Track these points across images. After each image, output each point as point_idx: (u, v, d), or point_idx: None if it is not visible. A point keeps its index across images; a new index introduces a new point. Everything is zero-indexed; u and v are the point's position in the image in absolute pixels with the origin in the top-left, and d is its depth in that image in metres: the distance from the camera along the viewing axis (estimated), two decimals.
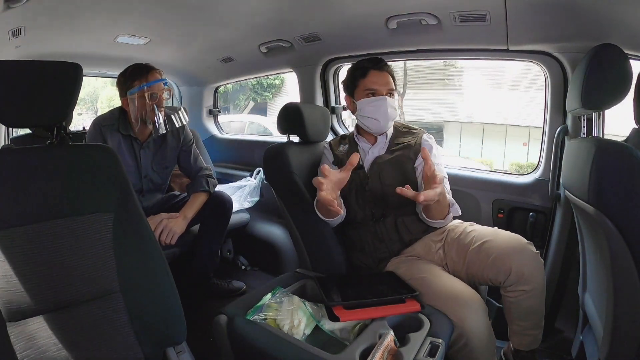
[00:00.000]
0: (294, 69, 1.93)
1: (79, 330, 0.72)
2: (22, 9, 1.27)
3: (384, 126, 1.19)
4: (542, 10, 1.09)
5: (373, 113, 1.18)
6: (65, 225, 0.72)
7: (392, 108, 1.18)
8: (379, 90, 1.17)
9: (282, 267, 1.82)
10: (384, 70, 1.19)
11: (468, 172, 1.53)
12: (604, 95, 0.89)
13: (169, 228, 1.34)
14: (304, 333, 0.84)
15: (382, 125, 1.19)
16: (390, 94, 1.18)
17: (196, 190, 1.49)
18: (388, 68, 1.21)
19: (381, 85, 1.18)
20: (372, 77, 1.18)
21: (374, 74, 1.19)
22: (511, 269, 0.92)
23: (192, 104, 2.53)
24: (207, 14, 1.47)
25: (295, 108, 1.31)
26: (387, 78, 1.19)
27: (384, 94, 1.17)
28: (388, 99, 1.17)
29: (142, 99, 1.34)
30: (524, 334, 1.00)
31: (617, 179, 0.75)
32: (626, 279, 0.74)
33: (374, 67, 1.19)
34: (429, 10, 1.22)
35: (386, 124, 1.19)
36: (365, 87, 1.19)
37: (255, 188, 2.00)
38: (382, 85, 1.18)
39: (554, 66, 1.27)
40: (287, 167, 1.22)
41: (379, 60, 1.21)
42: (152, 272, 0.77)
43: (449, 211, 1.09)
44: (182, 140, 1.53)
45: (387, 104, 1.16)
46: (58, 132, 0.82)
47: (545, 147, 1.36)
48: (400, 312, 0.88)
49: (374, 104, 1.17)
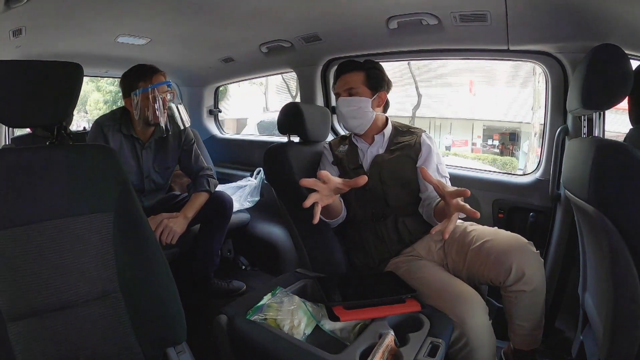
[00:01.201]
0: (294, 69, 1.93)
1: (79, 330, 0.72)
2: (22, 9, 1.27)
3: (349, 125, 1.21)
4: (542, 10, 1.09)
5: (338, 116, 1.23)
6: (65, 225, 0.72)
7: (348, 106, 1.18)
8: (339, 92, 1.22)
9: (282, 267, 1.82)
10: (348, 72, 1.21)
11: (468, 172, 1.53)
12: (604, 95, 0.89)
13: (170, 228, 1.35)
14: (304, 333, 0.84)
15: (346, 125, 1.21)
16: (349, 93, 1.19)
17: (197, 190, 1.49)
18: (352, 68, 1.21)
19: (340, 87, 1.21)
20: (338, 82, 1.23)
21: (340, 79, 1.22)
22: (512, 268, 0.92)
23: (192, 104, 2.53)
24: (208, 14, 1.47)
25: (295, 108, 1.31)
26: (348, 78, 1.20)
27: (342, 96, 1.20)
28: (340, 98, 1.20)
29: (145, 100, 1.34)
30: (524, 333, 1.00)
31: (617, 179, 0.75)
32: (626, 279, 0.74)
33: (340, 73, 1.23)
34: (429, 10, 1.22)
35: (349, 122, 1.20)
36: (335, 92, 1.24)
37: (255, 188, 2.00)
38: (341, 87, 1.21)
39: (554, 66, 1.27)
40: (287, 167, 1.22)
41: (343, 64, 1.24)
42: (152, 272, 0.77)
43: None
44: (184, 140, 1.53)
45: (339, 105, 1.20)
46: (58, 132, 0.82)
47: (546, 147, 1.36)
48: (400, 312, 0.88)
49: (336, 107, 1.22)
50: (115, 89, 9.99)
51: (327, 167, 1.25)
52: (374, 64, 1.23)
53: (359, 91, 1.19)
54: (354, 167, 1.21)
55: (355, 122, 1.20)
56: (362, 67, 1.20)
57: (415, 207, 1.16)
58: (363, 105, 1.18)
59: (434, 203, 1.06)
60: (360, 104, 1.18)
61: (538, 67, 1.35)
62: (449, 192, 0.83)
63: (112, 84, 9.96)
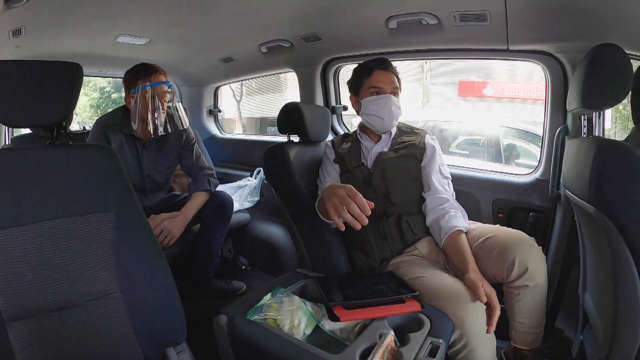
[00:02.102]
0: (294, 68, 1.93)
1: (79, 330, 0.72)
2: (22, 9, 1.27)
3: (388, 125, 1.20)
4: (542, 10, 1.09)
5: (377, 111, 1.19)
6: (65, 225, 0.72)
7: (397, 107, 1.19)
8: (383, 88, 1.19)
9: (282, 267, 1.82)
10: (389, 70, 1.21)
11: (468, 171, 1.53)
12: (604, 95, 0.89)
13: (168, 231, 1.35)
14: (304, 333, 0.84)
15: (386, 124, 1.20)
16: (394, 93, 1.19)
17: (198, 189, 1.49)
18: (392, 68, 1.22)
19: (386, 84, 1.19)
20: (376, 76, 1.20)
21: (379, 73, 1.20)
22: (515, 262, 0.92)
23: (192, 104, 2.53)
24: (207, 14, 1.47)
25: (295, 108, 1.31)
26: (391, 77, 1.20)
27: (388, 93, 1.18)
28: (392, 97, 1.18)
29: (143, 98, 1.34)
30: (526, 332, 1.00)
31: (617, 179, 0.75)
32: (626, 279, 0.74)
33: (378, 67, 1.21)
34: (429, 10, 1.23)
35: (390, 122, 1.19)
36: (370, 86, 1.20)
37: (255, 188, 2.00)
38: (387, 84, 1.19)
39: (554, 66, 1.27)
40: (287, 167, 1.22)
41: (384, 60, 1.23)
42: (152, 272, 0.77)
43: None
44: (184, 139, 1.53)
45: (392, 102, 1.18)
46: (58, 132, 0.82)
47: (546, 147, 1.36)
48: (400, 312, 0.88)
49: (379, 102, 1.18)
50: (97, 95, 10.91)
51: (329, 166, 1.26)
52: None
53: (399, 94, 1.21)
54: (356, 164, 1.21)
55: (395, 122, 1.22)
56: (394, 71, 1.22)
57: (419, 206, 1.16)
58: (400, 106, 1.20)
59: (444, 233, 1.07)
60: (400, 104, 1.20)
61: (427, 64, 1.36)
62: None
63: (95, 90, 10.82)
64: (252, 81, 7.79)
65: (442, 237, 1.06)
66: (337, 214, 0.86)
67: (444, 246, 1.07)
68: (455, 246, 1.02)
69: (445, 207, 1.10)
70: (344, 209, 0.84)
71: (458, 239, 1.03)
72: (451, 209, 1.10)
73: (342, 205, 0.84)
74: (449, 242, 1.05)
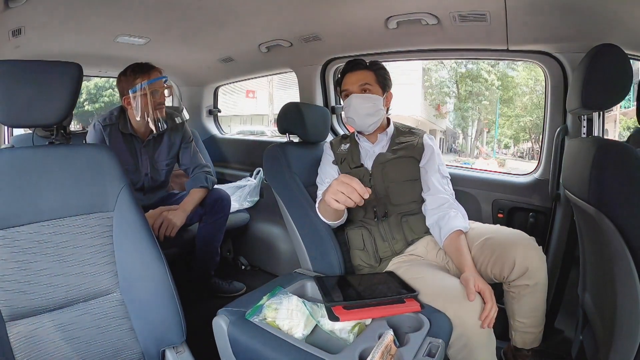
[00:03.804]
0: (293, 68, 1.93)
1: (79, 330, 0.72)
2: (22, 9, 1.27)
3: (361, 123, 1.19)
4: (542, 10, 1.09)
5: (348, 113, 1.20)
6: (65, 225, 0.73)
7: (364, 103, 1.16)
8: (349, 89, 1.19)
9: (282, 267, 1.82)
10: (356, 70, 1.20)
11: (468, 172, 1.53)
12: (604, 95, 0.89)
13: (169, 220, 1.35)
14: (304, 333, 0.84)
15: (358, 123, 1.19)
16: (365, 90, 1.18)
17: (195, 185, 1.50)
18: (363, 67, 1.20)
19: (351, 84, 1.19)
20: (345, 79, 1.21)
21: (348, 75, 1.21)
22: (515, 261, 0.92)
23: (192, 104, 2.53)
24: (207, 14, 1.47)
25: (295, 108, 1.31)
26: (358, 75, 1.19)
27: (354, 92, 1.18)
28: (354, 94, 1.17)
29: (143, 96, 1.35)
30: (526, 331, 1.00)
31: (617, 179, 0.75)
32: (626, 279, 0.74)
33: (348, 70, 1.22)
34: (429, 10, 1.22)
35: (363, 120, 1.18)
36: (342, 90, 1.22)
37: (255, 188, 2.00)
38: (352, 84, 1.19)
39: (554, 66, 1.27)
40: (287, 167, 1.22)
41: (354, 62, 1.22)
42: (152, 272, 0.77)
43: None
44: (182, 137, 1.54)
45: (355, 100, 1.17)
46: (58, 132, 0.82)
47: (545, 147, 1.36)
48: (400, 312, 0.88)
49: (346, 103, 1.20)
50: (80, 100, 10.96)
51: (328, 166, 1.25)
52: (380, 64, 1.23)
53: (372, 89, 1.18)
54: (355, 166, 1.21)
55: (370, 119, 1.18)
56: (371, 67, 1.21)
57: (419, 206, 1.16)
58: (377, 103, 1.18)
59: (444, 233, 1.06)
60: (375, 101, 1.18)
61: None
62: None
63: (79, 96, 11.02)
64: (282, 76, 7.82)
65: (442, 237, 1.06)
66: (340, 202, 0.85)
67: (444, 246, 1.07)
68: (455, 246, 1.02)
69: (446, 207, 1.10)
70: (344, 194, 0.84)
71: (458, 240, 1.03)
72: (451, 209, 1.10)
73: (341, 193, 0.84)
74: (449, 243, 1.05)
